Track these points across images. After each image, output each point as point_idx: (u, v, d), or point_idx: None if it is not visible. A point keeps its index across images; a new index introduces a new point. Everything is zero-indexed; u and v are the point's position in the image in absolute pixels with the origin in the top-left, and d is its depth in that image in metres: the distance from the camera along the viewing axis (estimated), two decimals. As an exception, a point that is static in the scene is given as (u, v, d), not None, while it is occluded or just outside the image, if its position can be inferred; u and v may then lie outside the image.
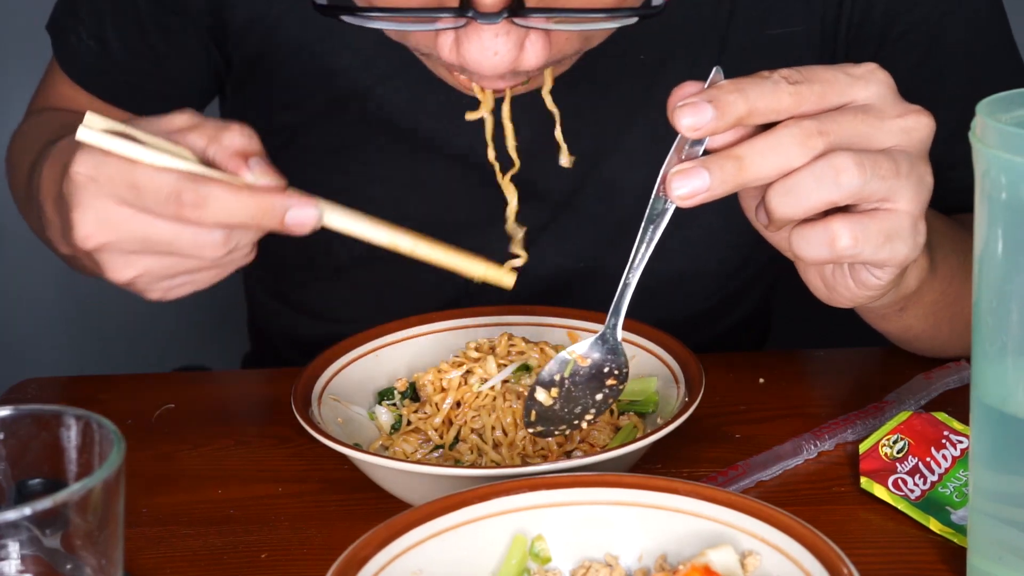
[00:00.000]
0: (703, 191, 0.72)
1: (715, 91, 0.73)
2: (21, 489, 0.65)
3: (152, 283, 0.84)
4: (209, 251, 0.80)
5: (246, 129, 0.80)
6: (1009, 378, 0.69)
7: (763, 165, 0.72)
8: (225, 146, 0.79)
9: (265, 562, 0.84)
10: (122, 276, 0.82)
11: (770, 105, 0.73)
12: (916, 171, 0.75)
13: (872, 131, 0.74)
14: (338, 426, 0.93)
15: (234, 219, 0.78)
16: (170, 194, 0.77)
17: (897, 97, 0.76)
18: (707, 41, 1.06)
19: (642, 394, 0.95)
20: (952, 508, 0.85)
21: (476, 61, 0.78)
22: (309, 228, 0.79)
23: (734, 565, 0.71)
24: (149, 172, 0.78)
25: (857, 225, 0.74)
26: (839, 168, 0.72)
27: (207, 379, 1.15)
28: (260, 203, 0.78)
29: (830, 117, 0.73)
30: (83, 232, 0.80)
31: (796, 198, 0.73)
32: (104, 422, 0.63)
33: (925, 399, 0.99)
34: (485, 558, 0.75)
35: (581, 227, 1.13)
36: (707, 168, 0.72)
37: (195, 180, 0.77)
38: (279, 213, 0.78)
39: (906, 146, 0.75)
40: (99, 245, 0.80)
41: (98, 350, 2.19)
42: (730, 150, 0.72)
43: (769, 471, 0.91)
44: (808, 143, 0.72)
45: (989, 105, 0.69)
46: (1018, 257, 0.67)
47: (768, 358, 1.10)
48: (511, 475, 0.79)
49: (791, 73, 0.74)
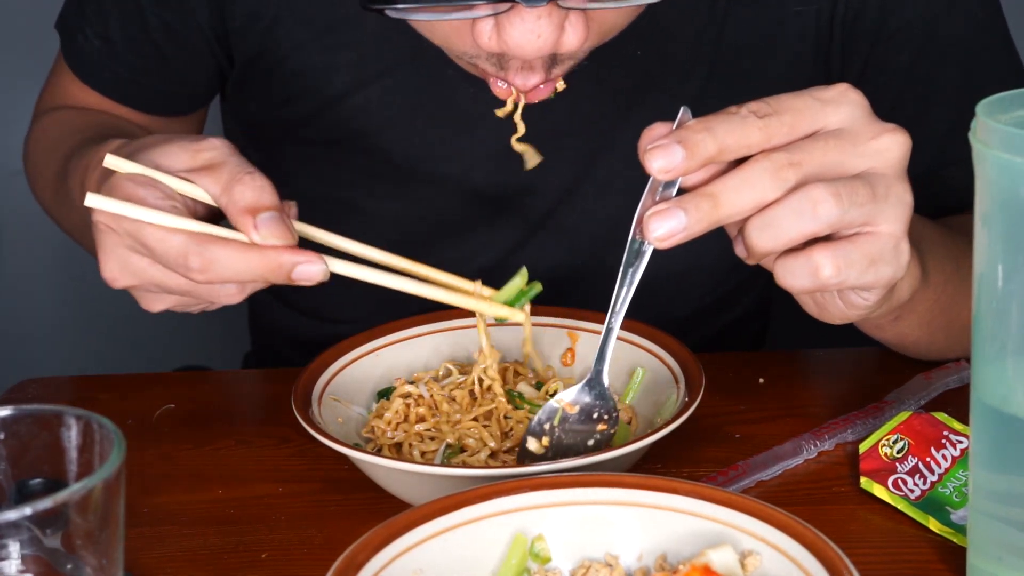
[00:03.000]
0: (680, 231, 0.72)
1: (684, 132, 0.72)
2: (22, 489, 0.65)
3: (187, 309, 0.86)
4: (226, 299, 0.84)
5: (258, 180, 0.81)
6: (1009, 378, 0.70)
7: (737, 201, 0.72)
8: (235, 200, 0.80)
9: (265, 562, 0.84)
10: (155, 309, 0.87)
11: (740, 141, 0.72)
12: (894, 192, 0.74)
13: (845, 157, 0.73)
14: (338, 426, 0.93)
15: (241, 277, 0.81)
16: (177, 256, 0.80)
17: (870, 117, 0.75)
18: (703, 39, 1.06)
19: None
20: (952, 508, 0.85)
21: (519, 45, 0.79)
22: (317, 281, 0.82)
23: (734, 565, 0.71)
24: (158, 234, 0.80)
25: (839, 253, 0.73)
26: (816, 200, 0.72)
27: (207, 379, 1.15)
28: (267, 263, 0.80)
29: (801, 147, 0.73)
30: (108, 275, 0.83)
31: (775, 232, 0.73)
32: (104, 422, 0.63)
33: (925, 399, 0.99)
34: (485, 558, 0.75)
35: (577, 225, 1.13)
36: (683, 208, 0.72)
37: (201, 242, 0.79)
38: (286, 271, 0.81)
39: (882, 168, 0.74)
40: (125, 287, 0.84)
41: (98, 350, 2.19)
42: (704, 188, 0.72)
43: (769, 471, 0.91)
44: (780, 175, 0.72)
45: (989, 106, 0.69)
46: (1018, 257, 0.67)
47: (768, 358, 1.10)
48: (511, 475, 0.79)
49: (760, 106, 0.73)
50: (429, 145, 1.10)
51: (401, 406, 0.94)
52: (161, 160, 0.83)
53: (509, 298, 0.89)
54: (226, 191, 0.81)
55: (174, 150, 0.84)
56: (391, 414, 0.93)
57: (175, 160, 0.83)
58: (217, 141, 0.84)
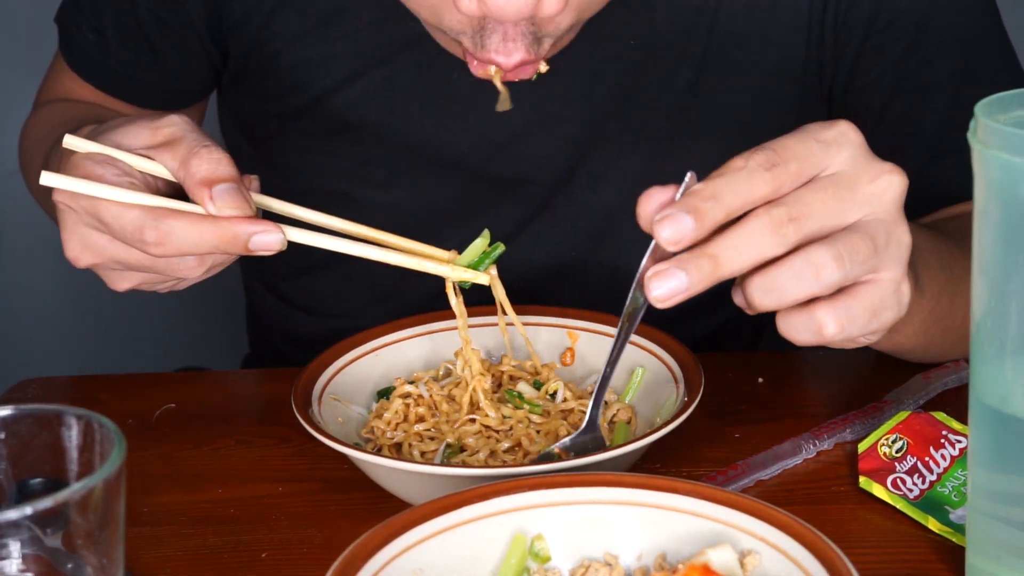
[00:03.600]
0: (681, 291, 0.71)
1: (692, 200, 0.71)
2: (22, 488, 0.65)
3: (154, 287, 0.86)
4: (186, 272, 0.84)
5: (215, 152, 0.81)
6: (1008, 378, 0.70)
7: (738, 259, 0.71)
8: (191, 173, 0.81)
9: (265, 562, 0.84)
10: (120, 288, 0.87)
11: (747, 200, 0.72)
12: (894, 238, 0.74)
13: (844, 206, 0.72)
14: (338, 426, 0.93)
15: (198, 249, 0.81)
16: (134, 231, 0.80)
17: (868, 157, 0.74)
18: (696, 28, 1.07)
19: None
20: (951, 507, 0.85)
21: (500, 6, 0.79)
22: (276, 250, 0.81)
23: (733, 564, 0.71)
24: (113, 209, 0.81)
25: (840, 310, 0.73)
26: (818, 265, 0.71)
27: (207, 379, 1.15)
28: (222, 233, 0.80)
29: (800, 199, 0.72)
30: (71, 254, 0.84)
31: (777, 295, 0.72)
32: (105, 421, 0.63)
33: (924, 399, 0.99)
34: (485, 557, 0.76)
35: (573, 215, 1.13)
36: (683, 269, 0.71)
37: (157, 216, 0.80)
38: (242, 240, 0.80)
39: (880, 212, 0.73)
40: (87, 266, 0.84)
41: (98, 350, 2.19)
42: (704, 248, 0.71)
43: (768, 471, 0.91)
44: (780, 232, 0.71)
45: (988, 106, 0.69)
46: (1017, 257, 0.67)
47: (767, 358, 1.10)
48: (511, 474, 0.79)
49: (766, 157, 0.72)
50: (425, 133, 1.10)
51: (401, 406, 0.94)
52: (122, 139, 0.84)
53: (472, 260, 0.89)
54: (183, 165, 0.81)
55: (135, 129, 0.84)
56: (390, 414, 0.94)
57: (136, 138, 0.84)
58: (176, 118, 0.84)
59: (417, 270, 0.87)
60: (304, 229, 0.84)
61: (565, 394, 0.95)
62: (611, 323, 1.01)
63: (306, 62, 1.09)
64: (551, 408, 0.94)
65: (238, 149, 1.21)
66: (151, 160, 0.83)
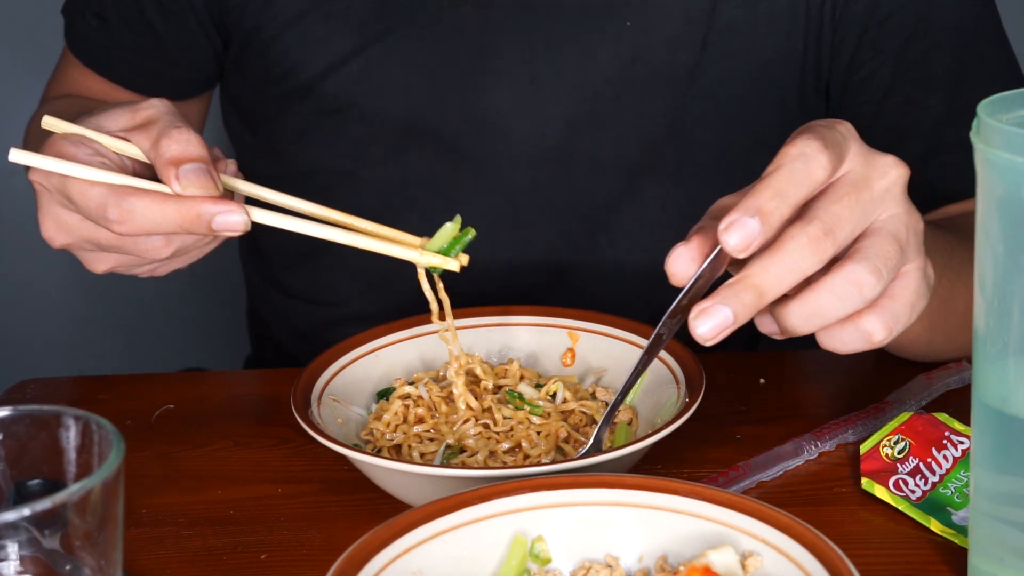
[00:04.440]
0: (727, 327, 0.70)
1: (755, 201, 0.69)
2: (20, 490, 0.65)
3: (132, 270, 0.87)
4: (153, 254, 0.83)
5: (184, 133, 0.81)
6: (1010, 378, 0.69)
7: (781, 286, 0.70)
8: (160, 153, 0.81)
9: (265, 563, 0.84)
10: (98, 269, 0.87)
11: (809, 191, 0.71)
12: (911, 229, 0.73)
13: (866, 208, 0.72)
14: (338, 427, 0.92)
15: (161, 228, 0.81)
16: (97, 208, 0.80)
17: (871, 152, 0.74)
18: (694, 13, 1.07)
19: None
20: (953, 509, 0.85)
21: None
22: (240, 231, 0.81)
23: (735, 566, 0.71)
24: (80, 186, 0.81)
25: (887, 314, 0.72)
26: (861, 284, 0.70)
27: (207, 379, 1.15)
28: (185, 213, 0.80)
29: (828, 210, 0.71)
30: (46, 234, 0.84)
31: (819, 319, 0.71)
32: (103, 422, 0.63)
33: (926, 399, 0.99)
34: (485, 559, 0.75)
35: (566, 201, 1.13)
36: (728, 305, 0.69)
37: (121, 194, 0.80)
38: (205, 220, 0.80)
39: (895, 207, 0.73)
40: (62, 245, 0.85)
41: (98, 350, 2.19)
42: (745, 278, 0.70)
43: (770, 472, 0.91)
44: (819, 249, 0.70)
45: (990, 105, 0.69)
46: (1018, 257, 0.67)
47: (768, 358, 1.10)
48: (511, 476, 0.79)
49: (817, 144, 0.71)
50: (425, 106, 1.10)
51: (400, 407, 0.94)
52: (102, 122, 0.85)
53: (442, 246, 0.86)
54: (154, 145, 0.81)
55: (115, 112, 0.85)
56: (390, 415, 0.93)
57: (115, 121, 0.84)
58: (156, 101, 0.85)
59: (386, 254, 0.86)
60: (271, 211, 0.83)
61: (565, 395, 0.95)
62: (612, 323, 1.00)
63: (307, 40, 1.10)
64: (551, 409, 0.94)
65: (240, 140, 1.22)
66: (128, 142, 0.83)
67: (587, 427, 0.94)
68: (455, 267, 0.86)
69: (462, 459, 0.91)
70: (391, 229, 0.87)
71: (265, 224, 0.83)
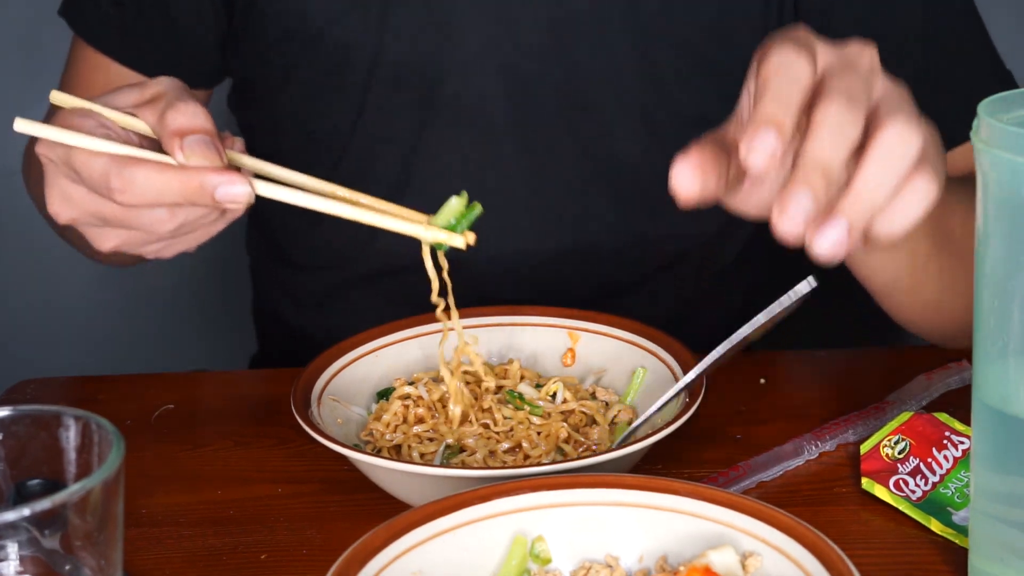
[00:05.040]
0: (810, 209, 0.68)
1: (764, 113, 0.69)
2: (20, 490, 0.65)
3: (138, 248, 0.86)
4: (158, 228, 0.82)
5: (191, 106, 0.81)
6: (1011, 378, 0.69)
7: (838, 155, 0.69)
8: (166, 125, 0.80)
9: (265, 563, 0.84)
10: (104, 246, 0.85)
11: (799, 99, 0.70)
12: (906, 95, 0.73)
13: (866, 82, 0.72)
14: (338, 427, 0.92)
15: (164, 199, 0.79)
16: (100, 178, 0.80)
17: (830, 41, 0.74)
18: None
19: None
20: (953, 509, 0.85)
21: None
22: (243, 203, 0.80)
23: (735, 566, 0.71)
24: (83, 156, 0.80)
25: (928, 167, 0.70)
26: (904, 137, 0.69)
27: (206, 380, 1.15)
28: (188, 183, 0.79)
29: (837, 87, 0.70)
30: (52, 208, 0.83)
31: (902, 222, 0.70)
32: (103, 422, 0.63)
33: (926, 399, 0.99)
34: (485, 559, 0.75)
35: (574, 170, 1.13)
36: (802, 190, 0.68)
37: (123, 164, 0.79)
38: (208, 190, 0.79)
39: (886, 80, 0.73)
40: (68, 220, 0.84)
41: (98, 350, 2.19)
42: (803, 165, 0.68)
43: (770, 472, 0.91)
44: (853, 110, 0.69)
45: (991, 105, 0.69)
46: (1019, 257, 0.67)
47: (768, 358, 1.10)
48: (511, 476, 0.79)
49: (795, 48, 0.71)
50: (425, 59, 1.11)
51: (400, 408, 0.94)
52: (111, 99, 0.84)
53: (448, 221, 0.85)
54: (160, 118, 0.81)
55: (124, 89, 0.85)
56: (389, 415, 0.93)
57: (124, 98, 0.84)
58: (164, 78, 0.85)
59: (390, 229, 0.84)
60: (276, 185, 0.83)
61: (565, 395, 0.95)
62: (612, 323, 1.00)
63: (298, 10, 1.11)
64: (551, 409, 0.94)
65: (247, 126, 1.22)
66: (135, 117, 0.83)
67: (587, 427, 0.94)
68: (461, 244, 0.84)
69: (462, 459, 0.91)
70: (395, 205, 0.86)
71: (269, 197, 0.82)
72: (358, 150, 1.14)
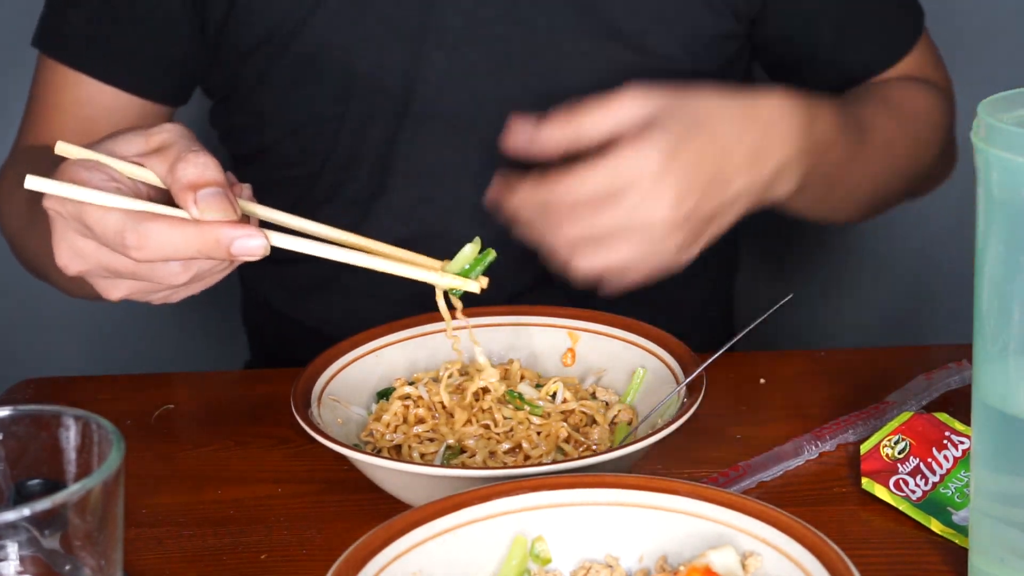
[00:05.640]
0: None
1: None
2: (20, 490, 0.65)
3: (146, 297, 0.86)
4: (171, 280, 0.82)
5: (202, 158, 0.81)
6: (1010, 378, 0.69)
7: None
8: (178, 178, 0.80)
9: (265, 563, 0.84)
10: (113, 296, 0.86)
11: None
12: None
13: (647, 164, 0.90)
14: (338, 426, 0.92)
15: (180, 253, 0.80)
16: (115, 235, 0.80)
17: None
18: None
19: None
20: (953, 509, 0.85)
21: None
22: (259, 256, 0.80)
23: (735, 566, 0.71)
24: (97, 212, 0.80)
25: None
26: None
27: (206, 380, 1.15)
28: (204, 237, 0.79)
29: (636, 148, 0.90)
30: (61, 262, 0.83)
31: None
32: (103, 422, 0.63)
33: (926, 399, 0.99)
34: (485, 559, 0.75)
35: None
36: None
37: (138, 220, 0.79)
38: (224, 245, 0.79)
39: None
40: (77, 272, 0.83)
41: (98, 350, 2.19)
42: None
43: (770, 472, 0.91)
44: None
45: (991, 105, 0.69)
46: (1019, 257, 0.67)
47: (768, 358, 1.10)
48: (511, 476, 0.79)
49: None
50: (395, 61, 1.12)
51: (400, 408, 0.94)
52: (115, 147, 0.84)
53: (463, 267, 0.87)
54: (171, 170, 0.81)
55: (129, 136, 0.84)
56: (389, 416, 0.93)
57: (129, 146, 0.84)
58: (169, 125, 0.84)
59: (406, 277, 0.86)
60: (289, 235, 0.83)
61: (565, 395, 0.95)
62: (612, 323, 1.00)
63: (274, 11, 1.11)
64: (551, 409, 0.94)
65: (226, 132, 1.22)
66: (142, 167, 0.83)
67: (587, 427, 0.94)
68: (475, 288, 0.87)
69: (462, 459, 0.91)
70: (410, 252, 0.87)
71: (284, 248, 0.82)
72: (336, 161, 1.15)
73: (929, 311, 1.84)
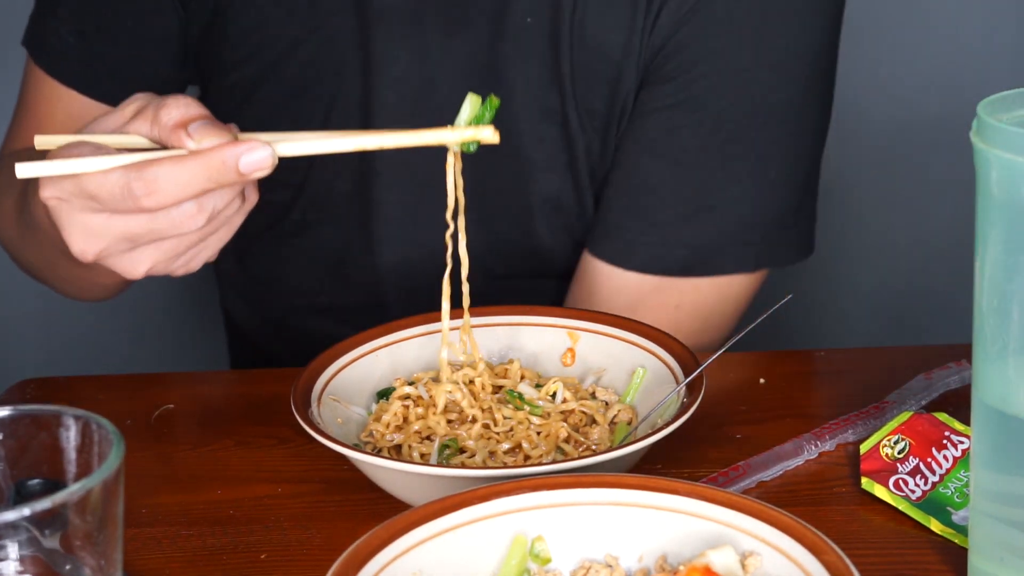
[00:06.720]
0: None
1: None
2: (20, 489, 0.65)
3: (169, 265, 0.84)
4: (189, 224, 0.81)
5: (181, 99, 0.80)
6: (1010, 378, 0.69)
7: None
8: (164, 124, 0.80)
9: (265, 563, 0.84)
10: (136, 272, 0.84)
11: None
12: None
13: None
14: (338, 427, 0.92)
15: (192, 188, 0.78)
16: (122, 191, 0.78)
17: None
18: None
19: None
20: (953, 509, 0.85)
21: None
22: (269, 166, 0.79)
23: (735, 566, 0.71)
24: (96, 179, 0.79)
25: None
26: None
27: (206, 380, 1.15)
28: (210, 164, 0.78)
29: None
30: (77, 248, 0.82)
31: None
32: (103, 422, 0.63)
33: (926, 399, 0.99)
34: (485, 559, 0.75)
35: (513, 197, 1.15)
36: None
37: (140, 168, 0.78)
38: (232, 165, 0.78)
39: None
40: (96, 255, 0.82)
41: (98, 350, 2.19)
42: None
43: (770, 471, 0.91)
44: None
45: (990, 104, 0.69)
46: (1018, 257, 0.67)
47: (768, 358, 1.10)
48: (511, 476, 0.79)
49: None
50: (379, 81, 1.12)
51: (400, 408, 0.94)
52: (95, 128, 0.84)
53: (471, 119, 0.83)
54: (155, 121, 0.80)
55: (102, 118, 0.84)
56: (389, 416, 0.93)
57: (106, 125, 0.84)
58: (138, 94, 0.84)
59: (417, 144, 0.83)
60: (293, 141, 0.81)
61: (565, 395, 0.95)
62: (612, 323, 1.00)
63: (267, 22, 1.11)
64: (551, 409, 0.94)
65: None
66: (127, 135, 0.82)
67: (587, 427, 0.94)
68: (492, 136, 0.82)
69: (462, 459, 0.91)
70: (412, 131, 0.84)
71: (293, 155, 0.80)
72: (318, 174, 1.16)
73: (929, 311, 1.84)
